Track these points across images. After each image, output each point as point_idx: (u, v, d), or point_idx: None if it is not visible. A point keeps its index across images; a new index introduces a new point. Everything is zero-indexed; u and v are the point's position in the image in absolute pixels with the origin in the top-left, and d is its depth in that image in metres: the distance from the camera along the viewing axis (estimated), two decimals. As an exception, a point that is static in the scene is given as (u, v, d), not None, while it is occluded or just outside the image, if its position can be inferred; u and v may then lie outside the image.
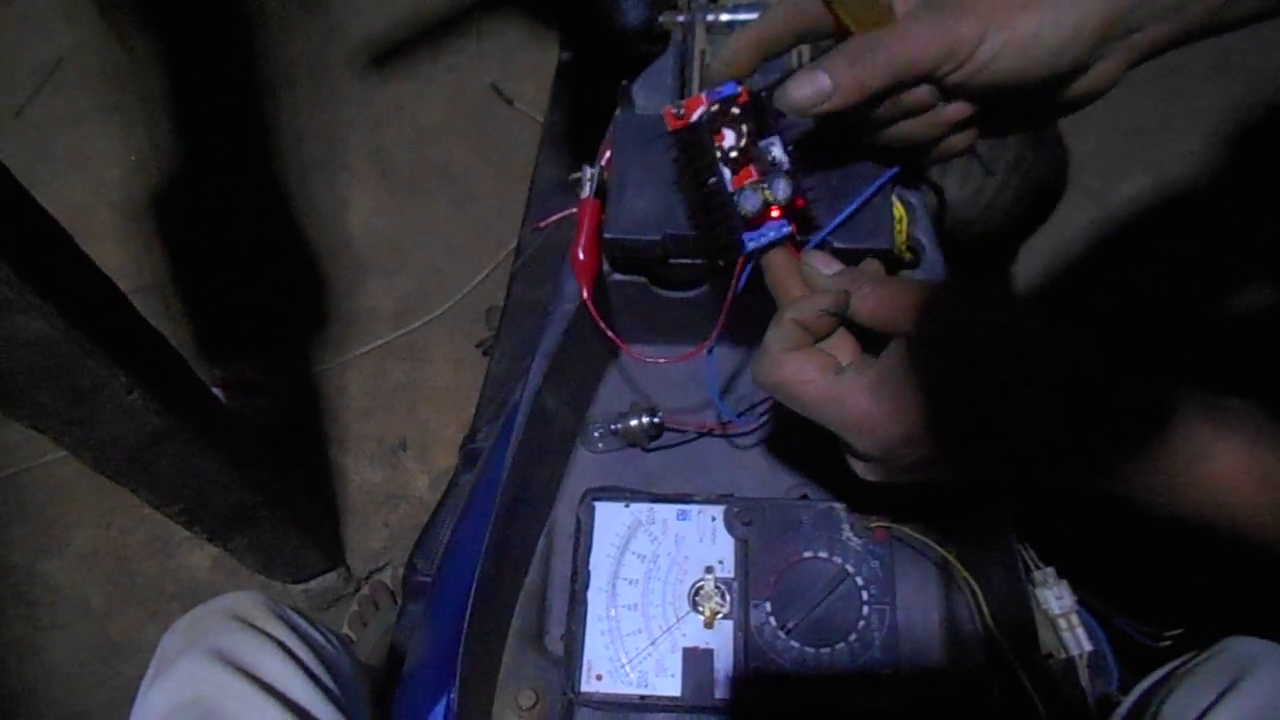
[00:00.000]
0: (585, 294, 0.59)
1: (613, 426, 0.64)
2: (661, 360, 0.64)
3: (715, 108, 0.51)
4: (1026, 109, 0.52)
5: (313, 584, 1.33)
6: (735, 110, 0.51)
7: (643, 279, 0.62)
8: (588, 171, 0.60)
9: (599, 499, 0.66)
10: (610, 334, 0.59)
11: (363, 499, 1.42)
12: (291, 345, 1.52)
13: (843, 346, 0.49)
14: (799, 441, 0.66)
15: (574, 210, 0.68)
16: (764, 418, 0.66)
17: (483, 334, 1.52)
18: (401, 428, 1.47)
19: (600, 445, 0.66)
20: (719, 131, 0.51)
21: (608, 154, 0.60)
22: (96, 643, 1.35)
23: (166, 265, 1.58)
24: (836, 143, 0.56)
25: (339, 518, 1.40)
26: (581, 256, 0.59)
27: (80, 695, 1.32)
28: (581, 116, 1.32)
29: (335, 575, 1.34)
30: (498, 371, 1.17)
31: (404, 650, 0.85)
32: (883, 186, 0.56)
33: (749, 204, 0.50)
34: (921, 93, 0.49)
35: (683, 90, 0.64)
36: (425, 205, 1.65)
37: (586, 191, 0.59)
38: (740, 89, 0.51)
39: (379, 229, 1.63)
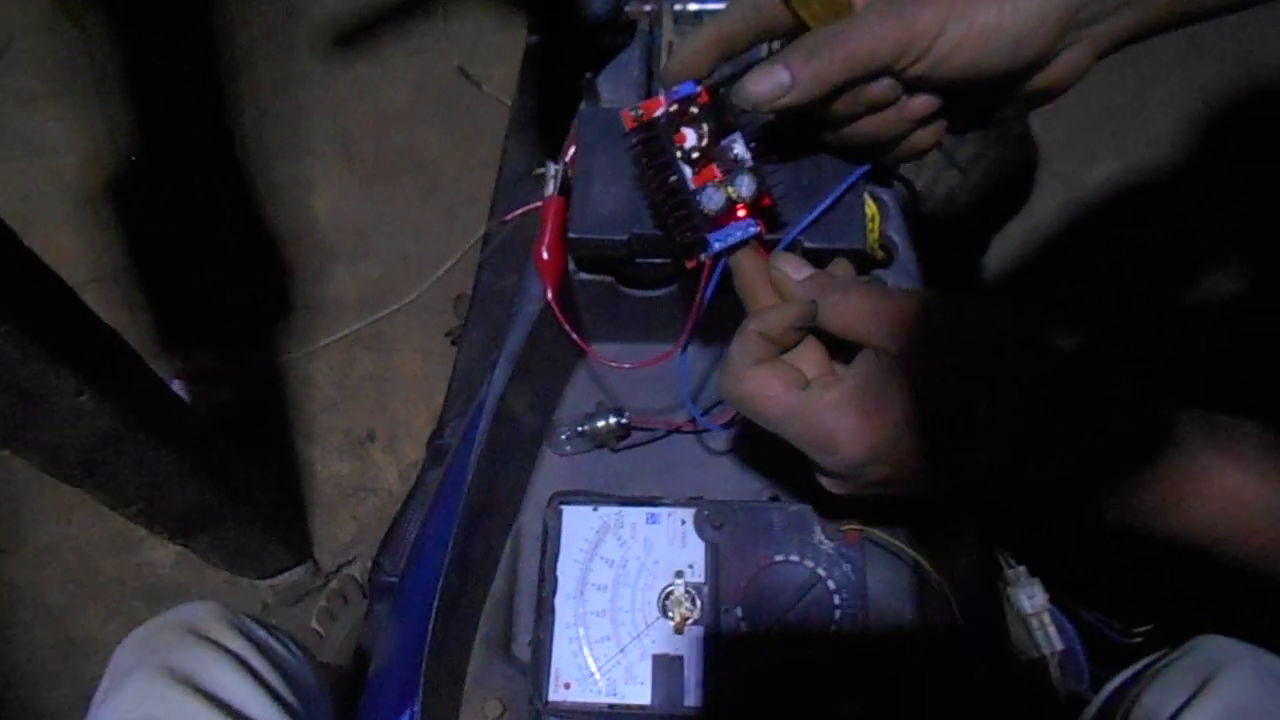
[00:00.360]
0: (550, 295, 0.58)
1: (579, 428, 0.63)
2: (627, 366, 0.62)
3: (674, 108, 0.49)
4: (991, 102, 0.51)
5: (280, 579, 1.30)
6: (695, 110, 0.49)
7: (609, 278, 0.61)
8: (551, 168, 0.58)
9: (566, 502, 0.64)
10: (575, 337, 0.58)
11: (330, 492, 1.40)
12: (255, 335, 1.49)
13: (809, 357, 0.48)
14: (769, 442, 0.65)
15: (538, 205, 0.66)
16: (734, 416, 0.65)
17: (451, 323, 1.49)
18: (369, 419, 1.45)
19: (568, 448, 0.64)
20: (679, 131, 0.49)
21: (571, 150, 0.58)
22: (56, 641, 1.32)
23: (125, 254, 1.54)
24: (804, 139, 0.55)
25: (306, 511, 1.38)
26: (546, 256, 0.57)
27: (39, 695, 1.29)
28: (551, 103, 1.29)
29: (303, 570, 1.32)
30: (465, 364, 1.15)
31: (370, 653, 0.84)
32: (854, 184, 0.55)
33: (712, 202, 0.49)
34: (883, 87, 0.48)
35: (649, 83, 0.62)
36: (391, 191, 1.62)
37: (550, 189, 0.58)
38: (699, 88, 0.50)
39: (344, 215, 1.60)
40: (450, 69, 1.71)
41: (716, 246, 0.50)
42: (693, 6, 0.61)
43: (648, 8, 0.62)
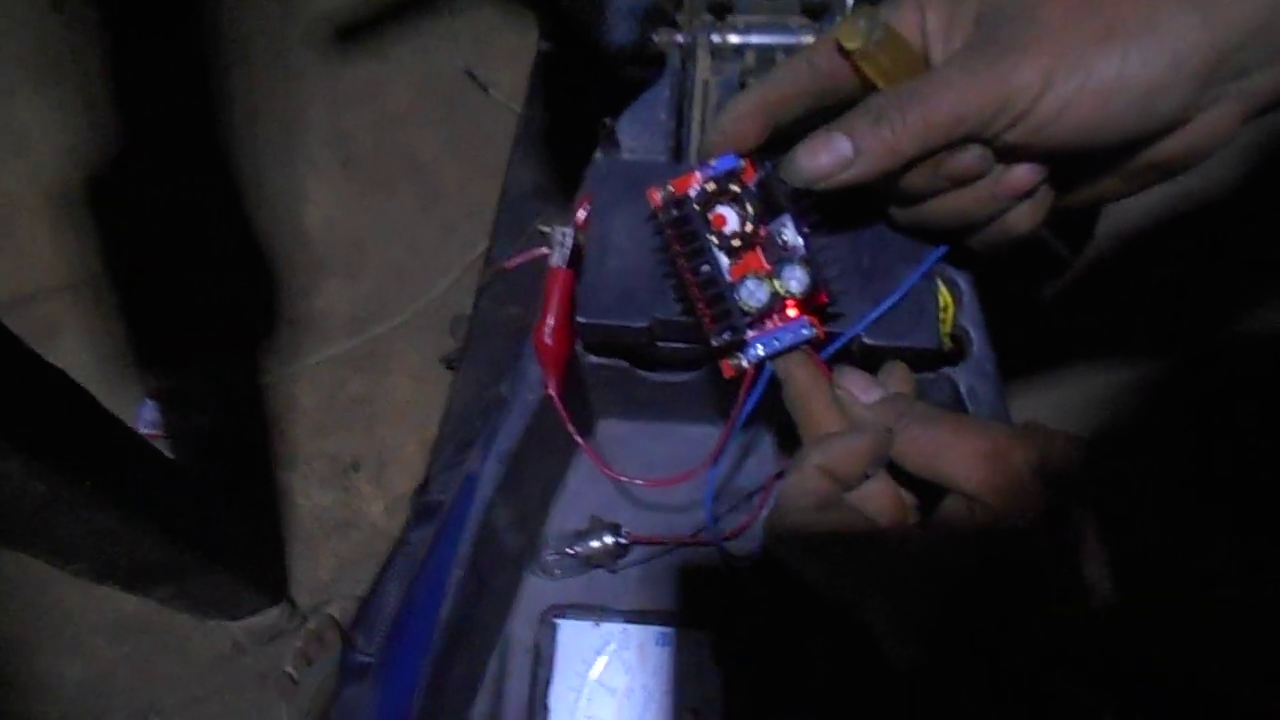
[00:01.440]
0: (552, 388, 0.48)
1: (570, 549, 0.53)
2: (640, 483, 0.53)
3: (711, 186, 0.39)
4: (1110, 174, 0.41)
5: (252, 620, 1.21)
6: (735, 188, 0.40)
7: (624, 363, 0.51)
8: (558, 234, 0.48)
9: (562, 616, 0.55)
10: (580, 441, 0.48)
11: (310, 525, 1.31)
12: (236, 351, 1.39)
13: (879, 499, 0.38)
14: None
15: (543, 250, 0.56)
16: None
17: (448, 345, 1.40)
18: (356, 446, 1.35)
19: (557, 572, 0.55)
20: (716, 212, 0.40)
21: (583, 212, 0.48)
22: (12, 677, 1.23)
23: (102, 259, 1.44)
24: (864, 211, 0.45)
25: (283, 545, 1.29)
26: (548, 341, 0.47)
27: (-10, 737, 1.21)
28: (562, 114, 1.19)
29: (278, 611, 1.23)
30: (459, 403, 1.05)
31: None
32: (927, 270, 0.45)
33: (753, 299, 0.39)
34: (971, 157, 0.38)
35: (679, 130, 0.52)
36: (389, 200, 1.52)
37: (556, 259, 0.48)
38: (744, 163, 0.40)
39: (337, 224, 1.50)
40: (456, 71, 1.61)
41: (760, 352, 0.40)
42: (733, 39, 0.51)
43: (680, 39, 0.52)
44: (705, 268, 0.40)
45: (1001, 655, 0.33)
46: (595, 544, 0.53)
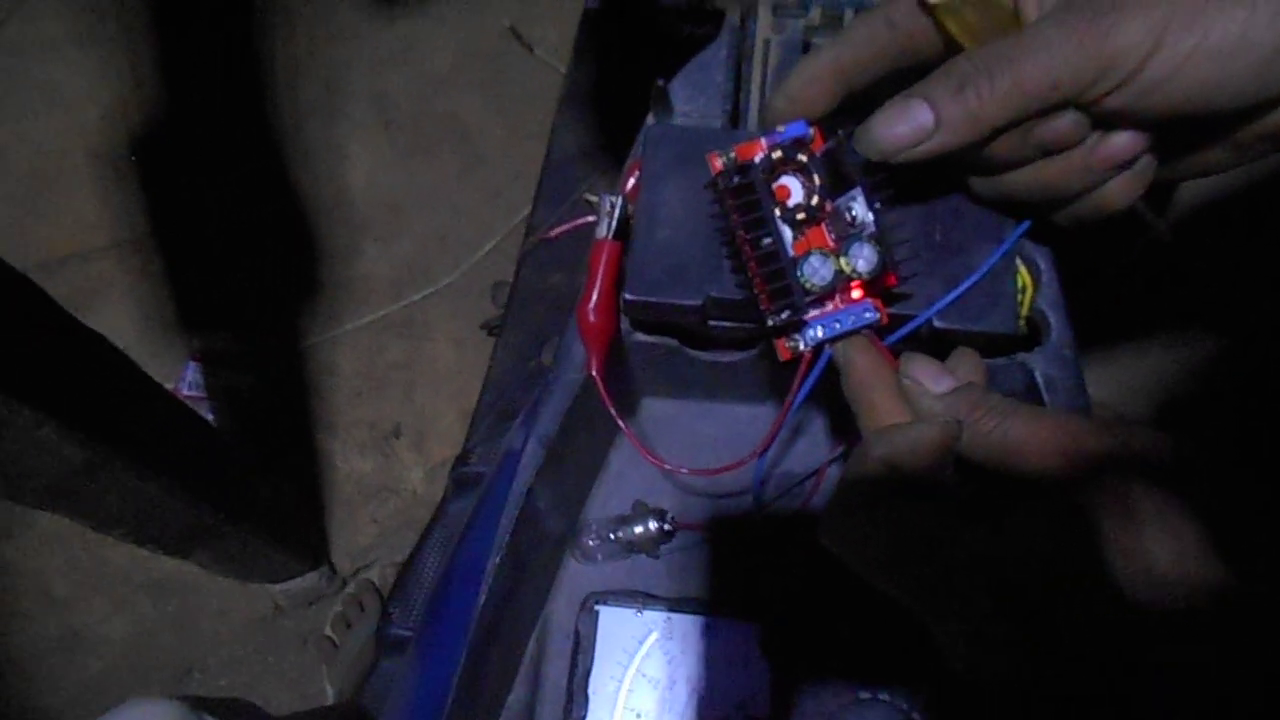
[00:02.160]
0: (594, 368, 0.45)
1: (611, 534, 0.51)
2: (685, 471, 0.50)
3: (776, 154, 0.36)
4: (1221, 143, 0.37)
5: (292, 584, 1.22)
6: (802, 157, 0.36)
7: (673, 341, 0.48)
8: (606, 202, 0.45)
9: (603, 603, 0.53)
10: (622, 425, 0.45)
11: (350, 490, 1.30)
12: (278, 314, 1.39)
13: (946, 494, 0.35)
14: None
15: (588, 219, 0.53)
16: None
17: (489, 311, 1.38)
18: (396, 413, 1.34)
19: (599, 556, 0.52)
20: (780, 183, 0.36)
21: (632, 180, 0.45)
22: (58, 633, 1.25)
23: (146, 218, 1.44)
24: (940, 180, 0.41)
25: (323, 510, 1.28)
26: (593, 319, 0.44)
27: (40, 689, 1.23)
28: (610, 76, 1.16)
29: (317, 575, 1.23)
30: (499, 371, 1.03)
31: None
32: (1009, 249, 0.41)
33: (817, 276, 0.36)
34: (1066, 123, 0.34)
35: (737, 94, 0.48)
36: (431, 162, 1.49)
37: (603, 230, 0.45)
38: (812, 131, 0.37)
39: (379, 187, 1.48)
40: (500, 29, 1.57)
41: (820, 334, 0.37)
42: (798, -8, 0.47)
43: (740, -8, 0.49)
44: (767, 240, 0.37)
45: (1085, 667, 0.30)
46: (638, 529, 0.50)
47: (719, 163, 0.38)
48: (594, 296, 0.44)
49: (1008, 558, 0.32)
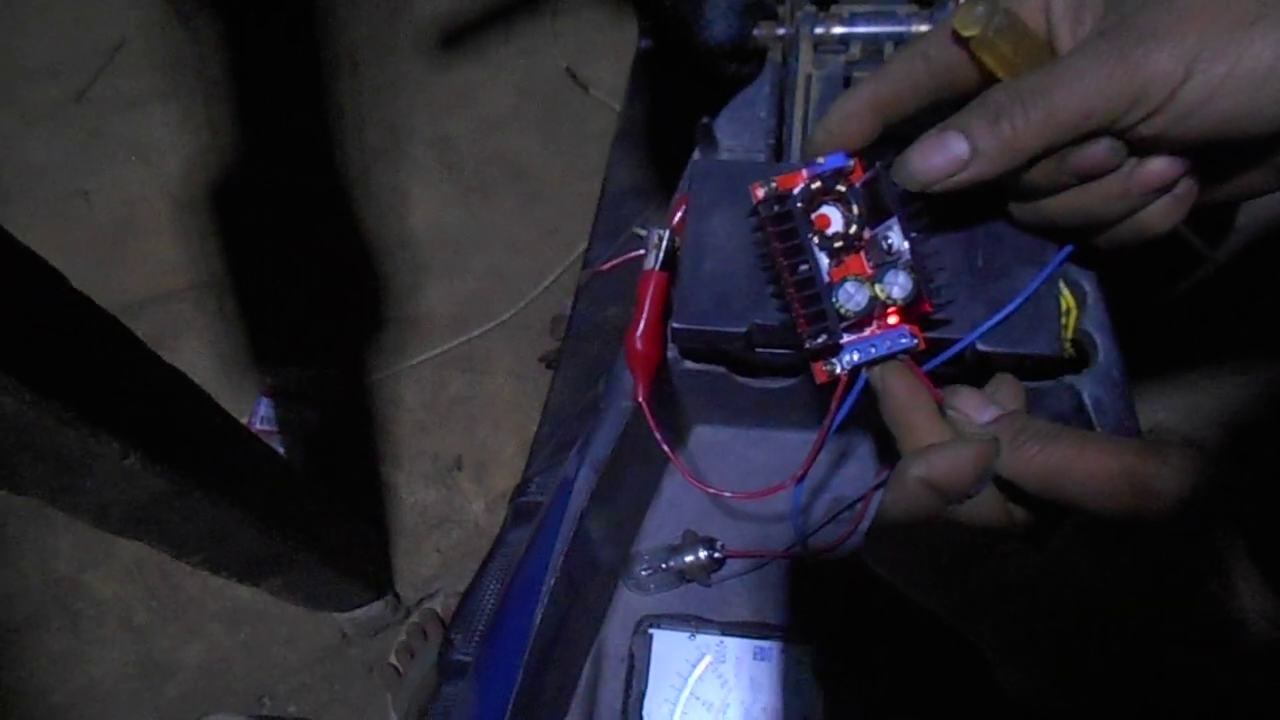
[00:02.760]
0: (641, 394, 0.47)
1: (663, 563, 0.52)
2: (729, 495, 0.51)
3: (816, 184, 0.37)
4: (1260, 166, 0.37)
5: (358, 612, 1.24)
6: (841, 187, 0.38)
7: (720, 369, 0.49)
8: (654, 235, 0.47)
9: (657, 626, 0.54)
10: (667, 450, 0.47)
11: (414, 521, 1.33)
12: (345, 351, 1.43)
13: (988, 514, 0.36)
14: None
15: (641, 253, 0.55)
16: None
17: (547, 345, 1.41)
18: (458, 445, 1.37)
19: (652, 587, 0.53)
20: (820, 212, 0.38)
21: (679, 213, 0.46)
22: (137, 659, 1.30)
23: (222, 261, 1.51)
24: (981, 204, 0.42)
25: (388, 540, 1.32)
26: (639, 346, 0.46)
27: (119, 713, 1.27)
28: (662, 114, 1.18)
29: (382, 604, 1.26)
30: (557, 402, 1.05)
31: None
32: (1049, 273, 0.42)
33: (852, 302, 0.38)
34: (1102, 150, 0.35)
35: (780, 128, 0.50)
36: (490, 201, 1.54)
37: (651, 262, 0.46)
38: (852, 162, 0.38)
39: (441, 226, 1.53)
40: (557, 71, 1.62)
41: (855, 358, 0.38)
42: (838, 30, 0.49)
43: (781, 31, 0.50)
44: (803, 267, 0.38)
45: (1136, 696, 0.30)
46: (689, 558, 0.51)
47: (760, 192, 0.39)
48: (641, 325, 0.46)
49: (1048, 582, 0.32)
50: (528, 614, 0.54)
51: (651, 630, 0.53)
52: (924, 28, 0.48)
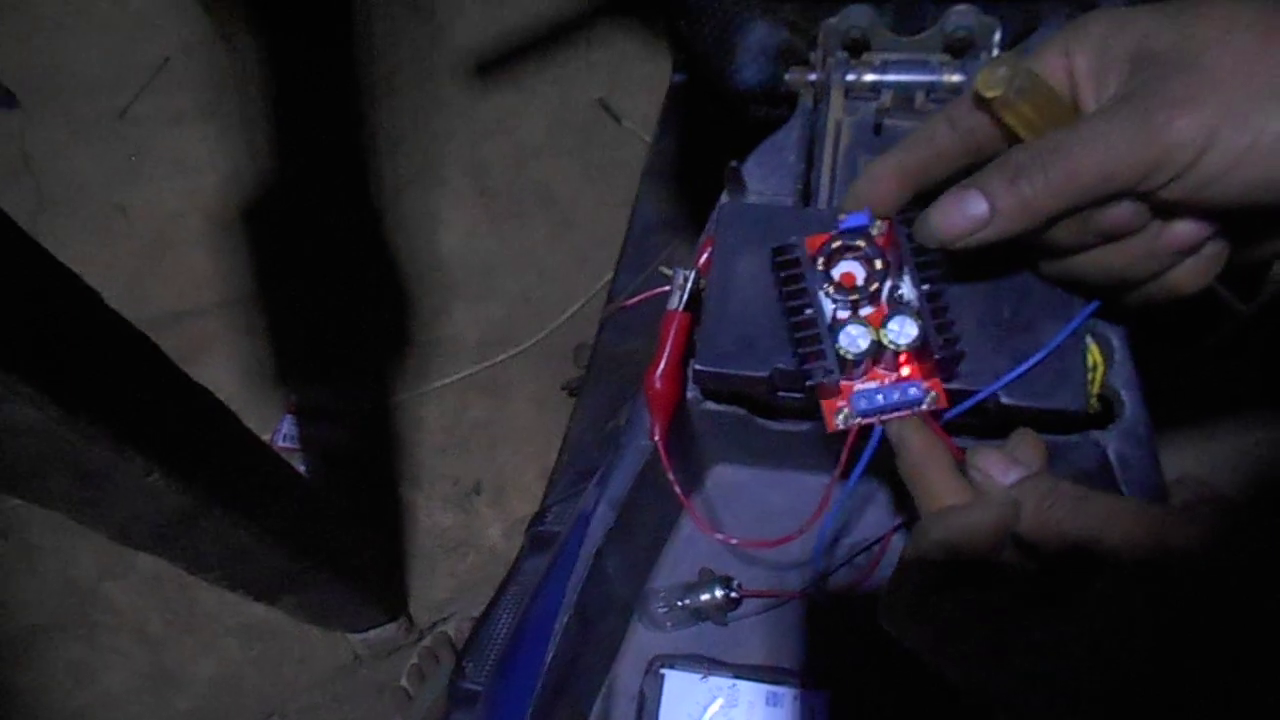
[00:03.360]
0: (658, 434, 0.47)
1: (679, 601, 0.52)
2: (735, 541, 0.51)
3: (837, 243, 0.38)
4: None
5: (371, 634, 1.25)
6: (860, 243, 0.38)
7: (742, 410, 0.49)
8: (680, 276, 0.47)
9: (669, 667, 0.53)
10: (680, 493, 0.47)
11: (431, 544, 1.34)
12: (370, 371, 1.44)
13: (1011, 578, 0.35)
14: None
15: (664, 290, 0.55)
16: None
17: (571, 373, 1.41)
18: (478, 469, 1.37)
19: (667, 624, 0.53)
20: (844, 269, 0.39)
21: (705, 255, 0.46)
22: (150, 670, 1.31)
23: (254, 278, 1.53)
24: (1008, 257, 0.42)
25: (404, 562, 1.32)
26: (658, 385, 0.46)
27: (129, 724, 1.28)
28: (693, 147, 1.19)
29: (395, 626, 1.26)
30: (577, 432, 1.05)
31: (442, 773, 0.75)
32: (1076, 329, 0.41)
33: (854, 345, 0.39)
34: (1124, 212, 0.35)
35: (808, 173, 0.50)
36: (521, 228, 1.55)
37: (674, 302, 0.46)
38: (876, 223, 0.39)
39: (471, 251, 1.54)
40: (590, 101, 1.64)
41: (862, 406, 0.39)
42: (869, 77, 0.49)
43: (813, 77, 0.51)
44: (808, 311, 0.39)
45: None
46: (705, 597, 0.51)
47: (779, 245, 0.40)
48: (661, 365, 0.46)
49: (1077, 650, 0.31)
50: (540, 648, 0.53)
51: (664, 670, 0.53)
52: (956, 78, 0.49)
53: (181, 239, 1.58)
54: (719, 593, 0.51)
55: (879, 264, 0.38)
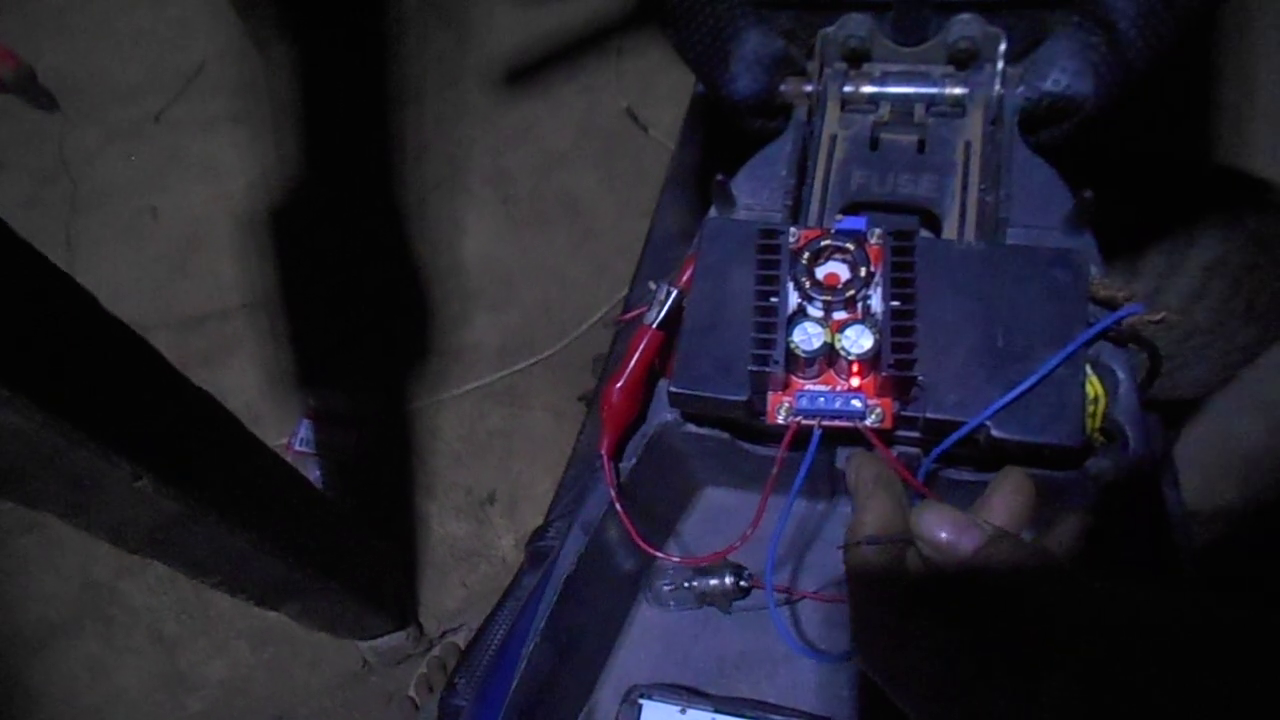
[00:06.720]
0: (604, 448, 0.45)
1: (688, 582, 0.50)
2: (675, 559, 0.49)
3: (827, 241, 0.37)
4: None
5: (379, 642, 1.24)
6: (850, 245, 0.37)
7: (725, 434, 0.47)
8: (661, 290, 0.45)
9: (647, 697, 0.51)
10: (638, 538, 0.45)
11: (443, 553, 1.33)
12: (388, 377, 1.44)
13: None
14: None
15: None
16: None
17: (589, 384, 1.39)
18: (492, 479, 1.36)
19: (671, 603, 0.52)
20: (829, 269, 0.37)
21: (689, 272, 0.45)
22: (164, 671, 1.31)
23: (277, 281, 1.53)
24: (1003, 285, 0.40)
25: (415, 570, 1.31)
26: (614, 399, 0.45)
27: (140, 723, 1.28)
28: (714, 159, 1.17)
29: (405, 634, 1.25)
30: (586, 446, 1.04)
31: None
32: (1074, 352, 0.39)
33: (807, 342, 0.39)
34: None
35: (799, 188, 0.48)
36: (544, 236, 1.54)
37: (651, 317, 0.45)
38: (872, 230, 0.37)
39: (493, 258, 1.53)
40: (617, 109, 1.62)
41: (803, 405, 0.38)
42: (867, 89, 0.47)
43: (808, 88, 0.49)
44: (773, 299, 0.40)
45: None
46: (714, 582, 0.50)
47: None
48: (621, 380, 0.44)
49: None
50: (509, 674, 0.52)
51: (641, 700, 0.51)
52: (958, 90, 0.46)
53: (209, 242, 1.59)
54: (729, 579, 0.50)
55: (863, 271, 0.37)
